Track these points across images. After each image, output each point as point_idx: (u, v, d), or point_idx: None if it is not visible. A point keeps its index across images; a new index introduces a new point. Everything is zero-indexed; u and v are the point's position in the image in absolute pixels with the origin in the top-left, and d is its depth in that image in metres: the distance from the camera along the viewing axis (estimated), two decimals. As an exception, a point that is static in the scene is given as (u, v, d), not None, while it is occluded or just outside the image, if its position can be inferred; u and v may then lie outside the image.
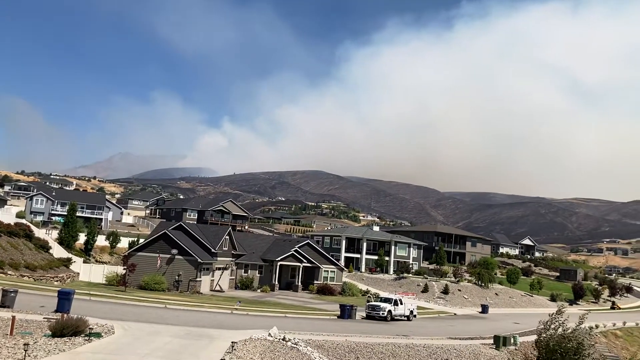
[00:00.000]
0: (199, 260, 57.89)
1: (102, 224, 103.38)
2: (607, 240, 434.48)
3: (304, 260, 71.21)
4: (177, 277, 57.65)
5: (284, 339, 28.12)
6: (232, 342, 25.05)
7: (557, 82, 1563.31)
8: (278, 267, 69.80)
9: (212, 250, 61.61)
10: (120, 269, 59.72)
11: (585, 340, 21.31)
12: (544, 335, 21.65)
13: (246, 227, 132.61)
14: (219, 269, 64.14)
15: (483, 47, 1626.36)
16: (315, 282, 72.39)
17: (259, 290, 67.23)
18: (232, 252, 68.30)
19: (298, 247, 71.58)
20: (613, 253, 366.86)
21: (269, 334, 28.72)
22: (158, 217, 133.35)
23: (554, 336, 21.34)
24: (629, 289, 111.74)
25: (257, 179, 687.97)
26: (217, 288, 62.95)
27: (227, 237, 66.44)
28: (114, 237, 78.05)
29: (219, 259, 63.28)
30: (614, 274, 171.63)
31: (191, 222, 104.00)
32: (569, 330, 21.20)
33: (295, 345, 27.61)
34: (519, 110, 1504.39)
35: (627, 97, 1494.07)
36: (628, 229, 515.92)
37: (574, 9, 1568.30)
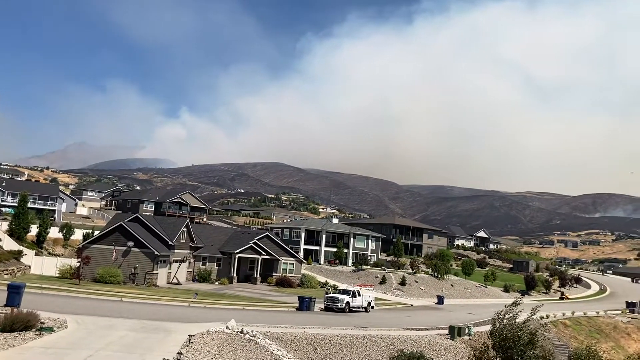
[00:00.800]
0: (156, 252, 57.05)
1: (56, 215, 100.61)
2: (558, 232, 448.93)
3: (263, 253, 71.04)
4: (133, 269, 56.70)
5: (242, 332, 28.05)
6: (189, 335, 24.86)
7: (513, 78, 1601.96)
8: (236, 259, 69.44)
9: (170, 242, 60.80)
10: (74, 262, 58.27)
11: (538, 330, 21.98)
12: (498, 325, 22.22)
13: (204, 220, 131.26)
14: (177, 261, 63.38)
15: (442, 43, 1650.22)
16: (274, 274, 72.34)
17: (217, 283, 66.77)
18: (190, 244, 67.57)
19: (257, 240, 71.35)
20: (564, 245, 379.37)
21: (227, 326, 28.60)
22: (114, 209, 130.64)
23: (508, 326, 21.94)
24: (578, 280, 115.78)
25: (216, 171, 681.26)
26: (175, 281, 62.22)
27: (185, 229, 65.67)
28: (67, 229, 75.98)
29: (176, 251, 62.51)
30: (564, 266, 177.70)
31: (148, 214, 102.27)
32: (522, 321, 21.83)
33: (253, 338, 27.58)
34: (476, 105, 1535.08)
35: (578, 94, 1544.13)
36: (578, 222, 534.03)
37: (530, 8, 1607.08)
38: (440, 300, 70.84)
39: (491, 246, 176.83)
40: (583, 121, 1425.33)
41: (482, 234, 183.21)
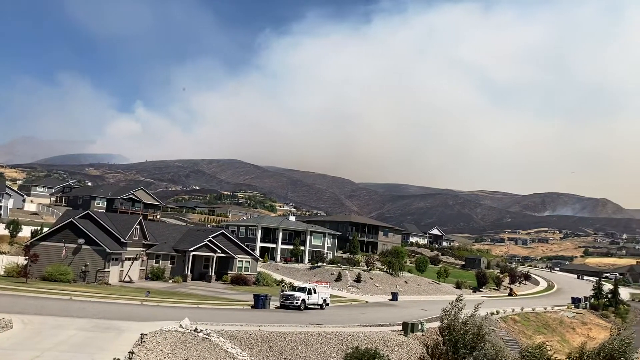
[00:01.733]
0: (108, 250, 55.84)
1: (2, 211, 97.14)
2: (509, 230, 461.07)
3: (218, 250, 70.39)
4: (83, 267, 55.33)
5: (195, 330, 27.77)
6: (142, 334, 24.47)
7: (469, 79, 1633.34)
8: (191, 257, 68.57)
9: (122, 240, 59.58)
10: (21, 259, 56.41)
11: (484, 325, 22.56)
12: (446, 321, 22.72)
13: (158, 217, 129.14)
14: (129, 259, 62.18)
15: (400, 43, 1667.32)
16: (229, 272, 71.77)
17: (170, 281, 65.81)
18: (143, 242, 66.38)
19: (212, 237, 70.64)
20: (514, 243, 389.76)
21: (180, 325, 28.27)
22: (64, 205, 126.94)
23: (455, 322, 22.46)
24: (527, 277, 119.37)
25: (170, 167, 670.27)
26: (127, 279, 61.03)
27: (138, 226, 64.48)
28: (14, 226, 73.54)
29: (128, 249, 61.31)
30: (514, 263, 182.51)
31: (100, 210, 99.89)
32: (469, 316, 22.37)
33: (207, 336, 27.35)
34: (433, 105, 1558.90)
35: (530, 97, 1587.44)
36: (528, 220, 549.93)
37: (485, 10, 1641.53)
38: (395, 296, 71.79)
39: (444, 243, 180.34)
40: (534, 122, 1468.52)
41: (435, 231, 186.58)
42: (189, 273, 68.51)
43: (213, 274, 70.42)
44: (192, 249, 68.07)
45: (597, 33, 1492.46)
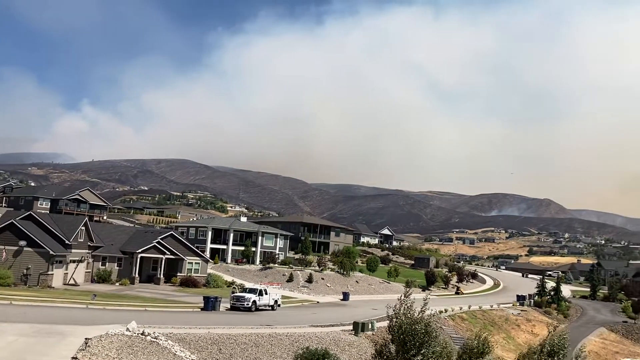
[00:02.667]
0: (51, 252, 54.00)
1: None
2: (457, 230, 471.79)
3: (167, 252, 69.15)
4: (25, 270, 53.31)
5: (143, 334, 27.17)
6: (86, 339, 23.77)
7: (419, 82, 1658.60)
8: (139, 259, 67.09)
9: (67, 241, 57.74)
10: (-43, 264, 53.89)
11: (432, 322, 22.93)
12: (395, 320, 22.97)
13: (105, 218, 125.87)
14: (74, 261, 60.30)
15: (353, 44, 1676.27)
16: (178, 274, 70.59)
17: (117, 284, 64.23)
18: (89, 243, 64.55)
19: (161, 239, 69.33)
20: (462, 242, 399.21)
21: (127, 328, 27.59)
22: (4, 206, 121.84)
23: (404, 320, 22.74)
24: (474, 275, 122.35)
25: (118, 167, 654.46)
26: (72, 282, 59.19)
27: (84, 227, 62.63)
28: (-50, 228, 70.14)
29: (73, 251, 59.46)
30: (462, 262, 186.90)
31: (43, 211, 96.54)
32: (418, 314, 22.69)
33: (155, 340, 26.82)
34: (384, 106, 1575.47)
35: (476, 100, 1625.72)
36: (475, 220, 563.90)
37: (435, 15, 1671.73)
38: (346, 296, 72.26)
39: (395, 243, 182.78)
40: (481, 124, 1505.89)
41: (386, 231, 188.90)
42: (137, 275, 67.02)
43: (162, 276, 69.11)
44: (140, 250, 66.62)
45: (540, 39, 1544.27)
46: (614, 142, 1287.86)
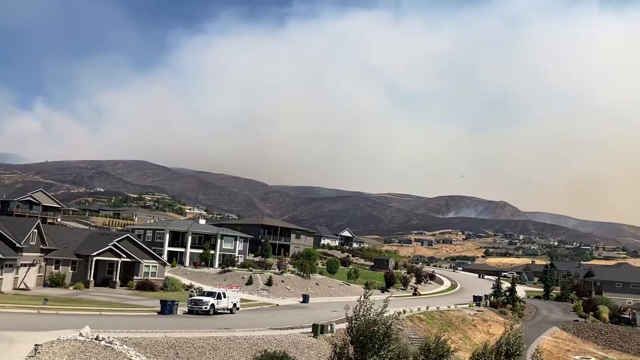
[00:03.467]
0: (1, 255, 52.06)
1: None
2: (416, 232, 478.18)
3: (123, 255, 67.61)
4: (-28, 275, 51.25)
5: (97, 339, 26.46)
6: (36, 345, 22.98)
7: (380, 86, 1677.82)
8: (94, 262, 65.36)
9: (17, 244, 55.75)
10: None
11: (393, 324, 23.10)
12: (355, 321, 23.05)
13: (59, 220, 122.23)
14: (25, 265, 58.31)
15: (314, 46, 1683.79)
16: (135, 277, 69.10)
17: (71, 288, 62.43)
18: (42, 246, 62.53)
19: (117, 241, 67.73)
20: (420, 244, 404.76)
21: (80, 333, 26.82)
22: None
23: (364, 322, 22.84)
24: (432, 277, 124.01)
25: (73, 168, 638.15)
26: (23, 286, 57.24)
27: (36, 230, 60.64)
28: None
29: (24, 254, 57.48)
30: (420, 263, 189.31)
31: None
32: (377, 316, 22.82)
33: (109, 344, 26.14)
34: (345, 108, 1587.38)
35: (436, 104, 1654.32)
36: (433, 222, 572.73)
37: (395, 19, 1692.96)
38: (306, 299, 72.15)
39: (355, 245, 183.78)
40: (440, 128, 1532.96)
41: (346, 233, 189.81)
42: (92, 279, 65.30)
43: (118, 279, 67.53)
44: (95, 253, 64.92)
45: (498, 45, 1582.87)
46: (565, 147, 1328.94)
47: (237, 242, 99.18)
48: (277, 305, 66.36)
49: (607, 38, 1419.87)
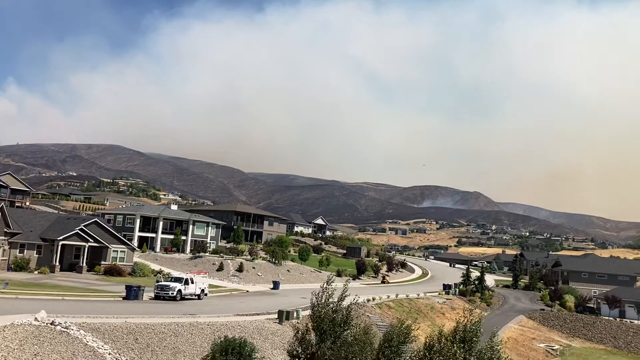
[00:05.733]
0: (-39, 239, 50.86)
1: None
2: (390, 221, 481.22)
3: (91, 240, 66.61)
4: None
5: (52, 323, 25.94)
6: (-13, 330, 22.41)
7: (359, 75, 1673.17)
8: (60, 246, 64.30)
9: (-21, 228, 54.54)
10: None
11: (352, 310, 23.10)
12: (317, 308, 23.01)
13: (28, 204, 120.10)
14: (-12, 249, 57.12)
15: (293, 34, 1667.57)
16: (102, 262, 68.24)
17: (36, 272, 61.35)
18: (6, 230, 61.25)
19: (84, 226, 66.68)
20: (394, 233, 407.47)
21: (35, 318, 26.26)
22: None
23: (325, 308, 22.81)
24: (403, 265, 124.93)
25: (45, 151, 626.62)
26: (-15, 270, 56.06)
27: (0, 213, 59.35)
28: None
29: (-13, 238, 56.29)
30: (393, 252, 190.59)
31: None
32: (337, 303, 22.81)
33: (65, 329, 25.65)
34: (324, 97, 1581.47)
35: (415, 94, 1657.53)
36: (407, 211, 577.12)
37: (376, 9, 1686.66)
38: (276, 285, 72.11)
39: (328, 233, 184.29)
40: (418, 118, 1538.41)
41: (320, 221, 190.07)
42: (58, 263, 64.26)
43: (84, 264, 66.59)
44: (61, 237, 63.84)
45: (477, 38, 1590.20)
46: (540, 140, 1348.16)
47: (210, 228, 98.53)
48: (247, 291, 66.17)
49: (582, 32, 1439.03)
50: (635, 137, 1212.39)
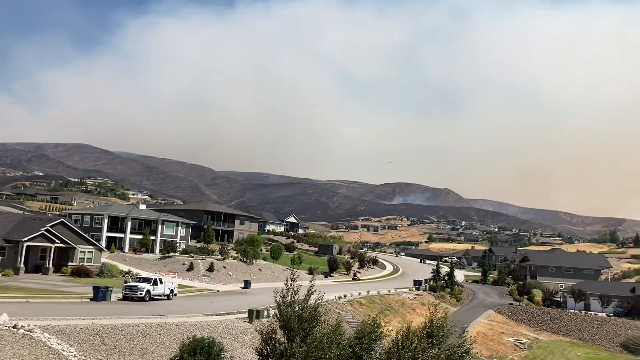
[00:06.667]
0: None
1: None
2: (362, 218, 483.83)
3: (57, 241, 65.31)
4: None
5: (15, 327, 25.35)
6: (-54, 335, 21.77)
7: (330, 72, 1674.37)
8: (25, 248, 62.88)
9: (-61, 230, 52.98)
10: None
11: (319, 308, 23.09)
12: (282, 307, 22.96)
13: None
14: (-52, 251, 55.52)
15: (264, 30, 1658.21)
16: (69, 264, 66.98)
17: (0, 275, 59.90)
18: (-33, 232, 59.66)
19: (50, 226, 65.32)
20: (367, 230, 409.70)
21: (-3, 322, 25.64)
22: None
23: (291, 306, 22.77)
24: (375, 262, 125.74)
25: (10, 151, 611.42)
26: (-55, 274, 54.50)
27: (-39, 215, 57.76)
28: None
29: (-52, 240, 54.71)
30: (365, 249, 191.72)
31: None
32: (303, 300, 22.78)
33: (29, 333, 25.11)
34: (295, 95, 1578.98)
35: (386, 92, 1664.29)
36: (379, 208, 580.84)
37: (346, 7, 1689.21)
38: (247, 284, 71.81)
39: (300, 231, 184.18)
40: (389, 116, 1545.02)
41: (292, 219, 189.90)
42: (22, 265, 62.82)
43: (51, 266, 65.27)
44: (26, 239, 62.43)
45: (444, 36, 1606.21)
46: (507, 137, 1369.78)
47: (179, 227, 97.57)
48: (218, 291, 65.74)
49: (546, 32, 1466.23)
50: (600, 134, 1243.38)
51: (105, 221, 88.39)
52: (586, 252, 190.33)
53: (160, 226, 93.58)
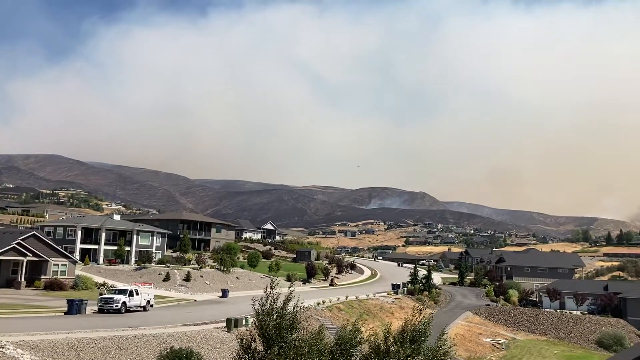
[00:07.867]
0: None
1: None
2: (339, 223, 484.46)
3: (29, 254, 63.91)
4: None
5: (-14, 344, 24.73)
6: None
7: (305, 78, 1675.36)
8: (-4, 262, 61.49)
9: None
10: None
11: (297, 314, 22.96)
12: (260, 315, 22.78)
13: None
14: None
15: (238, 38, 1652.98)
16: (42, 277, 65.59)
17: (-30, 290, 58.45)
18: None
19: (21, 239, 63.86)
20: (344, 235, 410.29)
21: (-33, 339, 24.97)
22: None
23: (269, 314, 22.61)
24: (352, 266, 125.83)
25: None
26: None
27: None
28: None
29: None
30: (343, 254, 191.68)
31: None
32: (280, 308, 22.63)
33: (0, 349, 24.49)
34: (270, 101, 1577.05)
35: (360, 97, 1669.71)
36: (356, 213, 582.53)
37: (320, 13, 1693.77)
38: (225, 293, 71.25)
39: (277, 238, 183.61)
40: (363, 121, 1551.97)
41: (269, 226, 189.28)
42: (-6, 280, 61.41)
43: (23, 279, 63.83)
44: (-4, 253, 61.03)
45: (417, 40, 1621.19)
46: (481, 139, 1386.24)
47: (155, 237, 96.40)
48: (195, 300, 65.09)
49: (518, 35, 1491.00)
50: (571, 134, 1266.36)
51: (79, 233, 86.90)
52: (560, 252, 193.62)
53: (135, 236, 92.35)
